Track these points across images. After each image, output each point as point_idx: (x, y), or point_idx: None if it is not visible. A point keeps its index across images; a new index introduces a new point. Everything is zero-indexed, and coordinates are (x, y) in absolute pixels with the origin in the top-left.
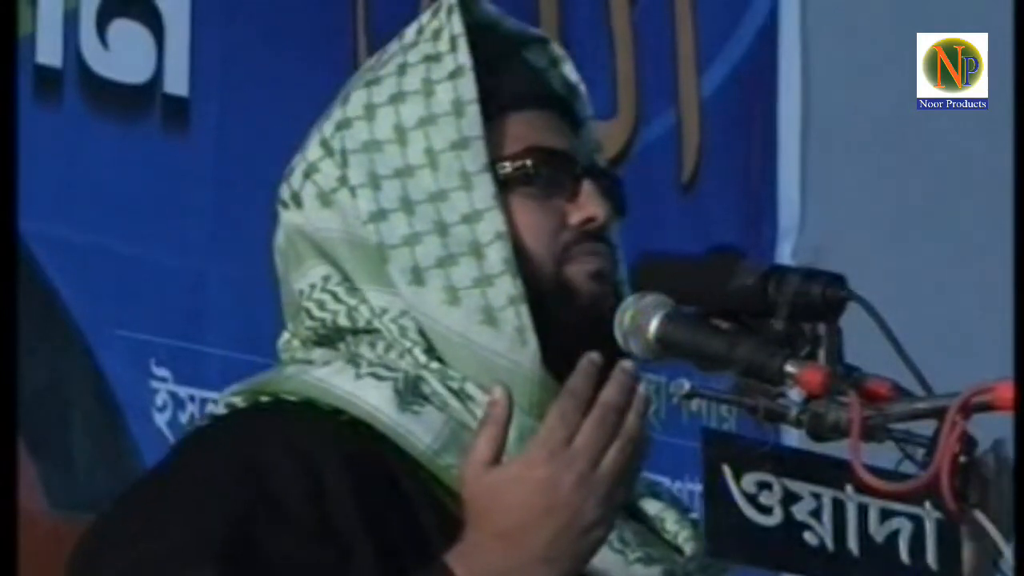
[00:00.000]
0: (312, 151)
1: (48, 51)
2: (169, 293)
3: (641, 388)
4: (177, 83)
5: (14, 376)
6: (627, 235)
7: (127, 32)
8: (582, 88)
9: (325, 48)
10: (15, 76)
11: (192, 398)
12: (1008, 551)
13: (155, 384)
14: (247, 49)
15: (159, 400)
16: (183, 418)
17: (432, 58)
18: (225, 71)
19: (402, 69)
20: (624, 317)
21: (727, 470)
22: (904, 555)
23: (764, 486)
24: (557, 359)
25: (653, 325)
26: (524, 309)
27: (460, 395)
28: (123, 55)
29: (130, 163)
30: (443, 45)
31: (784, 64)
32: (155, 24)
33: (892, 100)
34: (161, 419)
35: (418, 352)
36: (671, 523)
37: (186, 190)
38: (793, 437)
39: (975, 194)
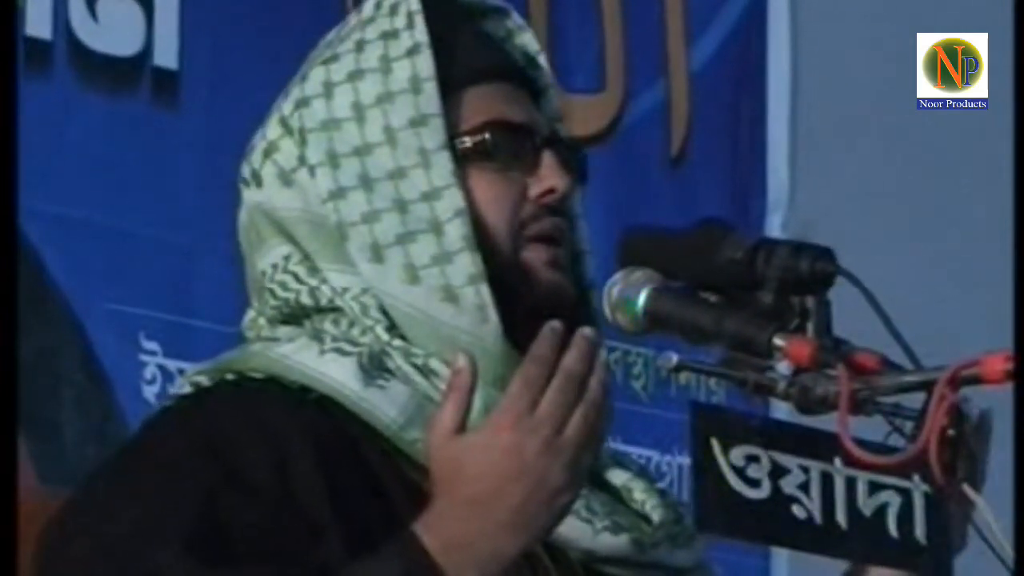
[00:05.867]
0: (272, 130)
1: (38, 23)
2: (158, 266)
3: (602, 354)
4: (166, 56)
5: (15, 362)
6: (615, 209)
7: (116, 5)
8: (542, 58)
9: (315, 22)
10: (13, 48)
11: (181, 371)
12: (993, 520)
13: (144, 357)
14: (236, 21)
15: (148, 373)
16: (172, 391)
17: (389, 35)
18: (215, 44)
19: (360, 46)
20: (612, 291)
21: (715, 443)
22: (892, 528)
23: (752, 459)
24: (519, 332)
25: (641, 299)
26: (484, 287)
27: (424, 371)
28: (113, 28)
29: (120, 136)
30: (400, 21)
31: (773, 37)
32: None
33: (892, 100)
34: (150, 392)
35: (380, 330)
36: (638, 492)
37: (175, 163)
38: (782, 410)
39: (970, 153)
